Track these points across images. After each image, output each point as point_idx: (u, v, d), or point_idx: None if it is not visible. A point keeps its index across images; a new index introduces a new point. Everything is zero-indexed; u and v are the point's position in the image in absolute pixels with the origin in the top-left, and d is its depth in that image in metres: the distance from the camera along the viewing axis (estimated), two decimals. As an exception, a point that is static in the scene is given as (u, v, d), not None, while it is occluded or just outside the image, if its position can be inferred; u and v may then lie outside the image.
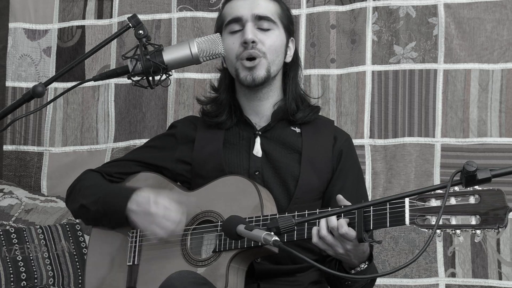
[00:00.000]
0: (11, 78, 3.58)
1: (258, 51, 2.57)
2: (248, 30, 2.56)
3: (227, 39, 2.61)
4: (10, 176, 3.53)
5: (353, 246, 2.25)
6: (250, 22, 2.58)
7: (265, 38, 2.59)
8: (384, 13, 3.34)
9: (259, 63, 2.56)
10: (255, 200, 2.42)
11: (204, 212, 2.50)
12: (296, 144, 2.61)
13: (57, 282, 3.03)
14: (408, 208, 2.15)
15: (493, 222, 2.02)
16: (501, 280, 3.15)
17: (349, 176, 2.62)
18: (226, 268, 2.37)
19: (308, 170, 2.57)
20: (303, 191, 2.55)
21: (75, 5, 3.60)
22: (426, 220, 2.13)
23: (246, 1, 2.62)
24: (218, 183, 2.52)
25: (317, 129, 2.66)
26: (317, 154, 2.60)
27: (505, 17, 3.26)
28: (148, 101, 3.48)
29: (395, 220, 2.18)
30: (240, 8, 2.61)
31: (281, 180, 2.57)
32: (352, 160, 2.66)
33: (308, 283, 2.56)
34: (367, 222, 2.23)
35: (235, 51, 2.58)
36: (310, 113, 2.65)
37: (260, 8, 2.60)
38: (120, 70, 2.20)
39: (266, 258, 2.49)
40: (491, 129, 3.23)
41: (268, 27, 2.60)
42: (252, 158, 2.60)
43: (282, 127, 2.65)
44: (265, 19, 2.59)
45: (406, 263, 1.96)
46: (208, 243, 2.48)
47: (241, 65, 2.57)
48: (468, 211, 2.06)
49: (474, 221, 2.05)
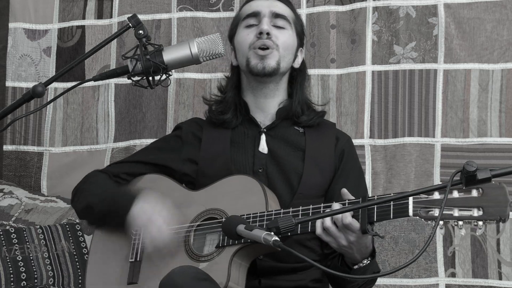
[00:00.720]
0: (11, 78, 3.58)
1: (272, 42, 2.64)
2: (264, 22, 2.65)
3: (242, 31, 2.71)
4: (10, 176, 3.53)
5: (356, 238, 2.27)
6: (267, 17, 2.67)
7: (279, 35, 2.67)
8: (384, 13, 3.34)
9: (271, 53, 2.64)
10: (260, 198, 2.43)
11: (209, 210, 2.51)
12: (300, 143, 2.66)
13: (57, 282, 3.03)
14: (412, 200, 2.17)
15: (495, 214, 2.06)
16: (501, 280, 3.15)
17: (351, 175, 2.67)
18: (229, 262, 2.38)
19: (312, 167, 2.61)
20: (306, 187, 2.58)
21: (75, 5, 3.60)
22: (429, 212, 2.15)
23: (265, 1, 2.72)
24: (224, 182, 2.55)
25: (320, 130, 2.71)
26: (320, 153, 2.65)
27: (505, 17, 3.26)
28: (148, 101, 3.48)
29: (399, 212, 2.21)
30: (259, 6, 2.71)
31: (285, 176, 2.60)
32: (353, 160, 2.72)
33: (309, 280, 2.58)
34: (371, 214, 2.25)
35: (248, 41, 2.67)
36: (314, 117, 2.71)
37: (277, 8, 2.71)
38: (120, 70, 2.20)
39: (268, 256, 2.50)
40: (491, 129, 3.23)
41: (283, 26, 2.69)
42: (257, 156, 2.63)
43: (286, 125, 2.69)
44: (281, 17, 2.69)
45: (406, 263, 1.96)
46: (211, 239, 2.49)
47: (254, 53, 2.64)
48: (470, 204, 2.09)
49: (476, 213, 2.08)
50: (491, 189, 2.08)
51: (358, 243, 2.29)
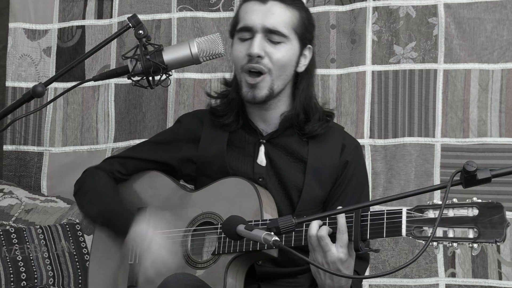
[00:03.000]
0: (11, 78, 3.58)
1: (263, 66, 2.47)
2: (255, 44, 2.46)
3: (236, 45, 2.52)
4: (10, 176, 3.53)
5: (345, 256, 2.20)
6: (260, 33, 2.47)
7: (274, 52, 2.47)
8: (384, 13, 3.34)
9: (262, 80, 2.47)
10: (255, 204, 2.41)
11: (205, 213, 2.50)
12: (302, 153, 2.55)
13: (57, 282, 3.03)
14: (405, 219, 2.12)
15: (491, 237, 1.97)
16: (501, 280, 3.15)
17: (351, 185, 2.55)
18: (225, 271, 2.37)
19: (312, 182, 2.52)
20: (306, 203, 2.51)
21: (75, 5, 3.60)
22: (423, 232, 2.09)
23: (260, 8, 2.49)
24: (219, 185, 2.52)
25: (325, 138, 2.57)
26: (323, 164, 2.54)
27: (505, 17, 3.26)
28: (148, 101, 3.48)
29: (392, 231, 2.16)
30: (253, 16, 2.49)
31: (284, 190, 2.53)
32: (356, 169, 2.58)
33: (309, 285, 2.55)
34: (364, 231, 2.20)
35: (240, 61, 2.49)
36: (319, 128, 2.54)
37: (272, 19, 2.48)
38: (120, 70, 2.20)
39: (267, 261, 2.48)
40: (491, 129, 3.23)
41: (279, 40, 2.48)
42: (257, 165, 2.56)
43: (289, 134, 2.57)
44: (275, 33, 2.47)
45: (406, 263, 1.95)
46: (209, 245, 2.48)
47: (244, 79, 2.49)
48: (466, 224, 2.00)
49: (471, 235, 1.99)
50: (488, 208, 1.99)
51: (340, 266, 2.20)
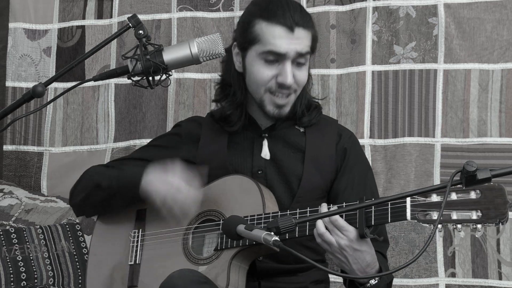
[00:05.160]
0: (11, 78, 3.58)
1: (291, 89, 2.55)
2: (288, 73, 2.50)
3: (260, 66, 2.53)
4: (10, 176, 3.53)
5: (348, 242, 2.23)
6: (290, 60, 2.51)
7: (300, 75, 2.55)
8: (384, 13, 3.34)
9: (289, 100, 2.56)
10: (257, 199, 2.43)
11: (206, 211, 2.51)
12: (300, 143, 2.62)
13: (57, 282, 3.03)
14: (410, 203, 2.16)
15: (494, 217, 2.04)
16: (501, 280, 3.15)
17: (355, 172, 2.61)
18: (228, 266, 2.38)
19: (311, 169, 2.58)
20: (306, 190, 2.56)
21: (75, 5, 3.60)
22: (427, 216, 2.13)
23: (289, 35, 2.50)
24: (221, 182, 2.53)
25: (321, 128, 2.66)
26: (321, 153, 2.61)
27: (505, 17, 3.26)
28: (148, 101, 3.48)
29: (397, 216, 2.19)
30: (283, 44, 2.50)
31: (284, 179, 2.58)
32: (357, 156, 2.66)
33: (310, 282, 2.56)
34: (369, 218, 2.23)
35: (266, 82, 2.53)
36: (315, 116, 2.64)
37: (302, 43, 2.52)
38: (120, 70, 2.20)
39: (268, 257, 2.49)
40: (491, 129, 3.23)
41: (304, 62, 2.55)
42: (256, 158, 2.60)
43: (287, 126, 2.65)
44: (303, 56, 2.54)
45: (406, 263, 1.96)
46: (210, 241, 2.48)
47: (270, 99, 2.55)
48: (469, 206, 2.07)
49: (475, 216, 2.06)
50: (490, 190, 2.06)
51: (352, 251, 2.24)
